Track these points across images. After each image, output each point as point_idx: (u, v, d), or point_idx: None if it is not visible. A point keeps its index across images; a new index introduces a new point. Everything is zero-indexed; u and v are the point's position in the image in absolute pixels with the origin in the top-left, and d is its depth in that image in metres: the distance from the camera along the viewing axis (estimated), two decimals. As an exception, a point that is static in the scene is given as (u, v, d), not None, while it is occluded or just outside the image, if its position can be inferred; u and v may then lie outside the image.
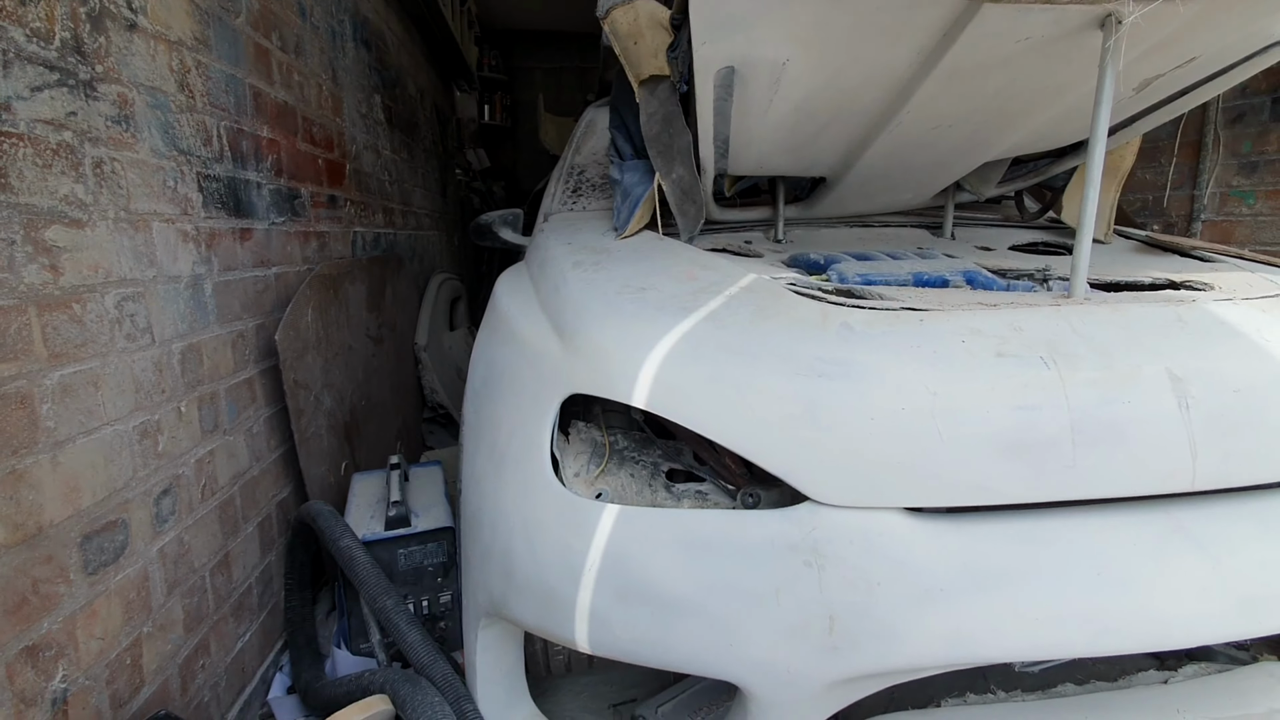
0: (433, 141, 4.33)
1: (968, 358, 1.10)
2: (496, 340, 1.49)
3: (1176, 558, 1.07)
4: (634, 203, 1.76)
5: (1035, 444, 1.05)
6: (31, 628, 0.95)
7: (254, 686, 1.56)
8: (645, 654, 1.04)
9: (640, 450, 1.31)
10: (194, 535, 1.36)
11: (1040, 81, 1.44)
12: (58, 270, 1.03)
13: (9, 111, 0.96)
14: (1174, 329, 1.20)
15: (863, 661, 1.00)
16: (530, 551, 1.12)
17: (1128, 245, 2.00)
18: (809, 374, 1.08)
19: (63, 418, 1.02)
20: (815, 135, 1.59)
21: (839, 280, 1.48)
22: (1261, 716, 1.26)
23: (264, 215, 1.77)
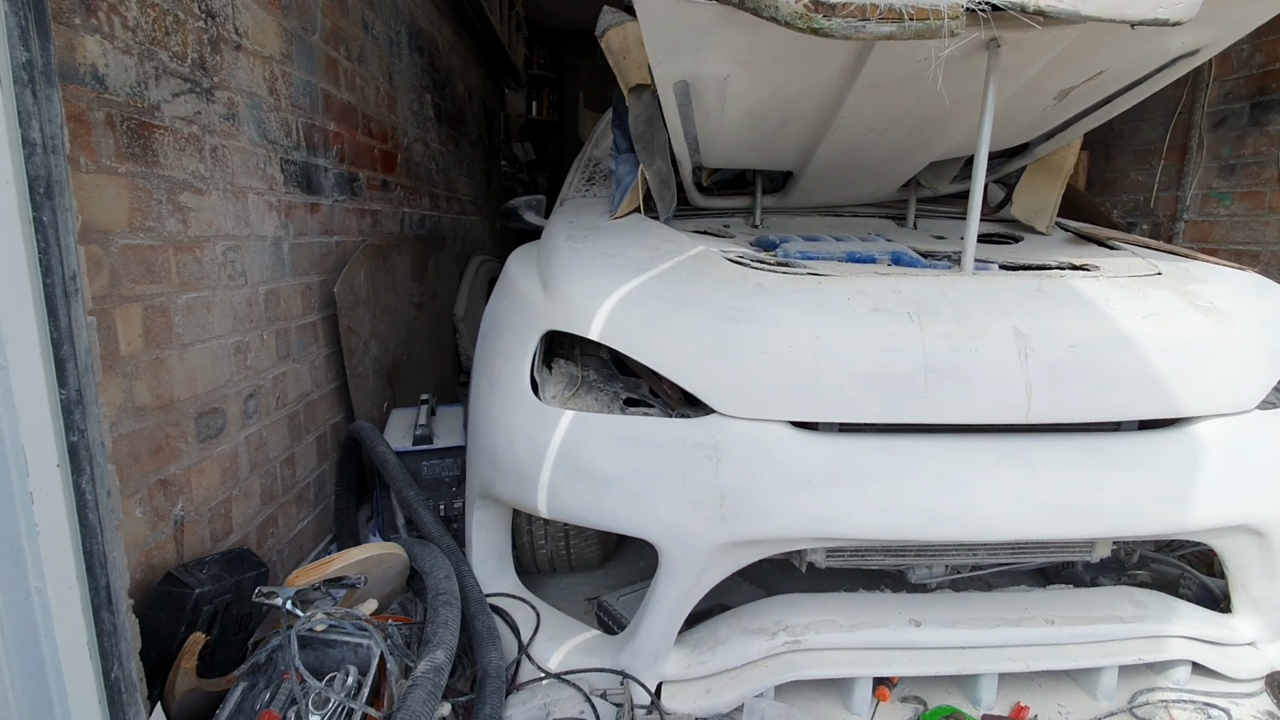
0: (479, 135, 4.77)
1: (848, 310, 1.42)
2: (500, 295, 1.87)
3: (1005, 471, 1.37)
4: (624, 189, 2.11)
5: (894, 378, 1.37)
6: (164, 468, 1.38)
7: (308, 562, 2.00)
8: (585, 516, 1.41)
9: (606, 382, 1.67)
10: (269, 433, 1.79)
11: (953, 93, 1.72)
12: (187, 224, 1.46)
13: (159, 111, 1.39)
14: (1030, 297, 1.49)
15: (745, 529, 1.34)
16: (510, 445, 1.50)
17: (1062, 237, 2.24)
18: (721, 318, 1.42)
19: (187, 327, 1.45)
20: (770, 136, 1.91)
21: (783, 256, 1.80)
22: (1099, 619, 1.53)
23: (329, 193, 2.21)
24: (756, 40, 1.50)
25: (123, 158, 1.27)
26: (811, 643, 1.43)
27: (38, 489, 0.80)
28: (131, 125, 1.29)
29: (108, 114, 1.23)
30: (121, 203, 1.27)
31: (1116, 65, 1.74)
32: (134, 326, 1.29)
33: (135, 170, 1.30)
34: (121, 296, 1.26)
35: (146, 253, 1.33)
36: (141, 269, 1.32)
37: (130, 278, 1.29)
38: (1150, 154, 3.32)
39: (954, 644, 1.45)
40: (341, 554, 1.39)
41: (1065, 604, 1.56)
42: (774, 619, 1.48)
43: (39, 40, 0.81)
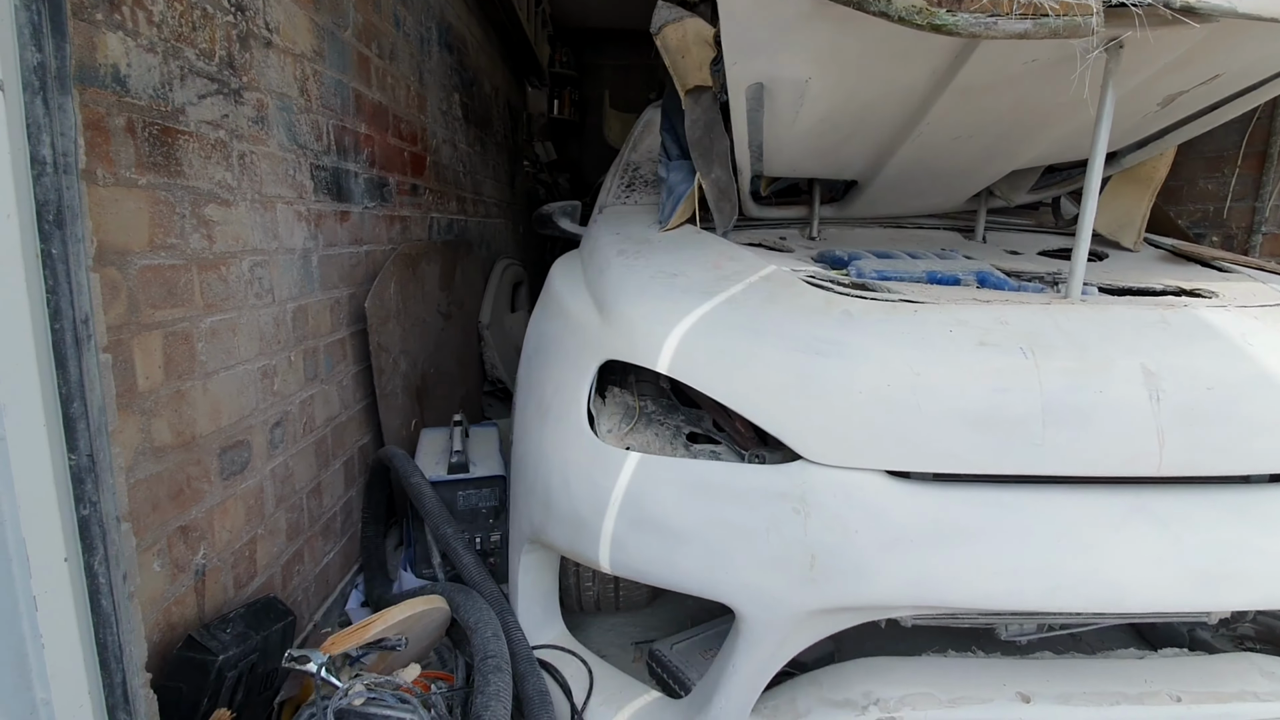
0: (504, 136, 4.63)
1: (951, 344, 1.25)
2: (547, 315, 1.72)
3: (1136, 531, 1.20)
4: (676, 199, 1.96)
5: (1006, 421, 1.20)
6: (185, 512, 1.24)
7: (334, 597, 1.86)
8: (654, 574, 1.25)
9: (666, 414, 1.52)
10: (296, 462, 1.65)
11: (1053, 97, 1.56)
12: (212, 240, 1.32)
13: (184, 115, 1.24)
14: (1156, 329, 1.32)
15: (837, 594, 1.18)
16: (565, 488, 1.35)
17: (1154, 254, 2.06)
18: (807, 351, 1.26)
19: (211, 354, 1.31)
20: (841, 143, 1.75)
21: (857, 275, 1.64)
22: (1231, 696, 1.36)
23: (359, 200, 2.07)
24: (843, 39, 1.33)
25: (143, 168, 1.13)
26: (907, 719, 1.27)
27: (43, 591, 0.65)
28: (154, 131, 1.15)
29: (128, 119, 1.08)
30: (141, 219, 1.13)
31: (1234, 69, 1.57)
32: (153, 357, 1.15)
33: (157, 181, 1.16)
34: (140, 324, 1.12)
35: (168, 273, 1.19)
36: (162, 292, 1.17)
37: (150, 303, 1.14)
38: (1223, 161, 3.12)
39: (1067, 723, 1.29)
40: (382, 615, 1.25)
41: (1188, 675, 1.39)
42: (861, 689, 1.32)
43: (54, 40, 0.66)
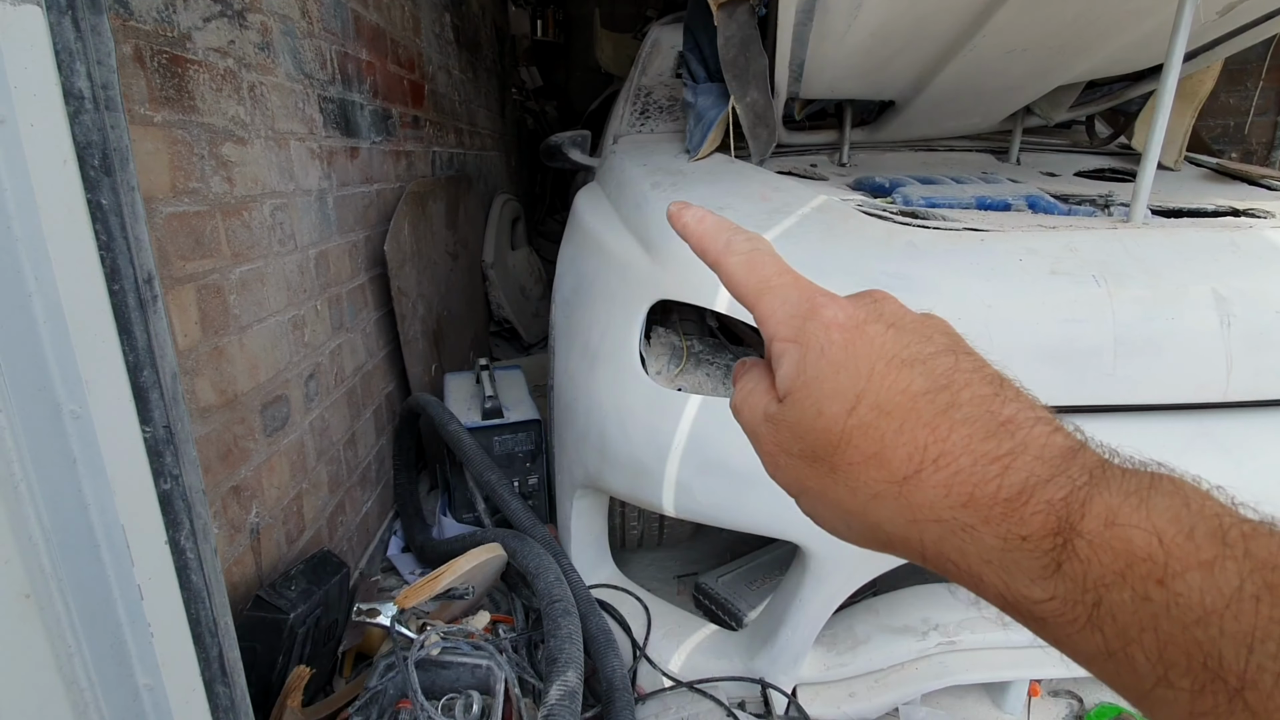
0: (493, 60, 4.37)
1: (1023, 274, 1.21)
2: (583, 254, 1.64)
3: (1200, 457, 1.20)
4: (707, 126, 1.85)
5: (1079, 353, 1.17)
6: (235, 472, 1.19)
7: (375, 545, 1.85)
8: (722, 516, 1.24)
9: (714, 354, 1.47)
10: (331, 414, 1.60)
11: (1120, 4, 1.46)
12: (232, 182, 1.22)
13: (190, 41, 1.12)
14: (1226, 252, 1.28)
15: (907, 530, 1.18)
16: (623, 433, 1.32)
17: (1197, 172, 2.01)
18: (874, 286, 1.20)
19: (243, 307, 1.23)
20: (889, 59, 1.64)
21: (904, 203, 1.57)
22: None
23: (366, 135, 1.93)
24: (915, -61, 1.22)
25: (157, 103, 1.02)
26: (967, 643, 1.30)
27: (147, 579, 0.61)
28: (163, 60, 1.03)
29: (136, 47, 0.97)
30: (161, 160, 1.02)
31: (1308, -32, 1.47)
32: (189, 313, 1.08)
33: (172, 118, 1.05)
34: (172, 278, 1.04)
35: (194, 221, 1.10)
36: (190, 242, 1.09)
37: (180, 254, 1.06)
38: (1246, 74, 3.02)
39: (1119, 640, 1.32)
40: (450, 566, 1.23)
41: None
42: (919, 615, 1.35)
43: (77, -59, 0.56)
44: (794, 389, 0.27)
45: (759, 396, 0.29)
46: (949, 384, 0.24)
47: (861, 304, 0.28)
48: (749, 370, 0.31)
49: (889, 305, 0.28)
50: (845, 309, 0.27)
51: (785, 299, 0.29)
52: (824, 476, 0.26)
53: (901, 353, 0.26)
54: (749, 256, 0.30)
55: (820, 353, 0.26)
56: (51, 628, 0.60)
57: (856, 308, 0.28)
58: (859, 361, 0.26)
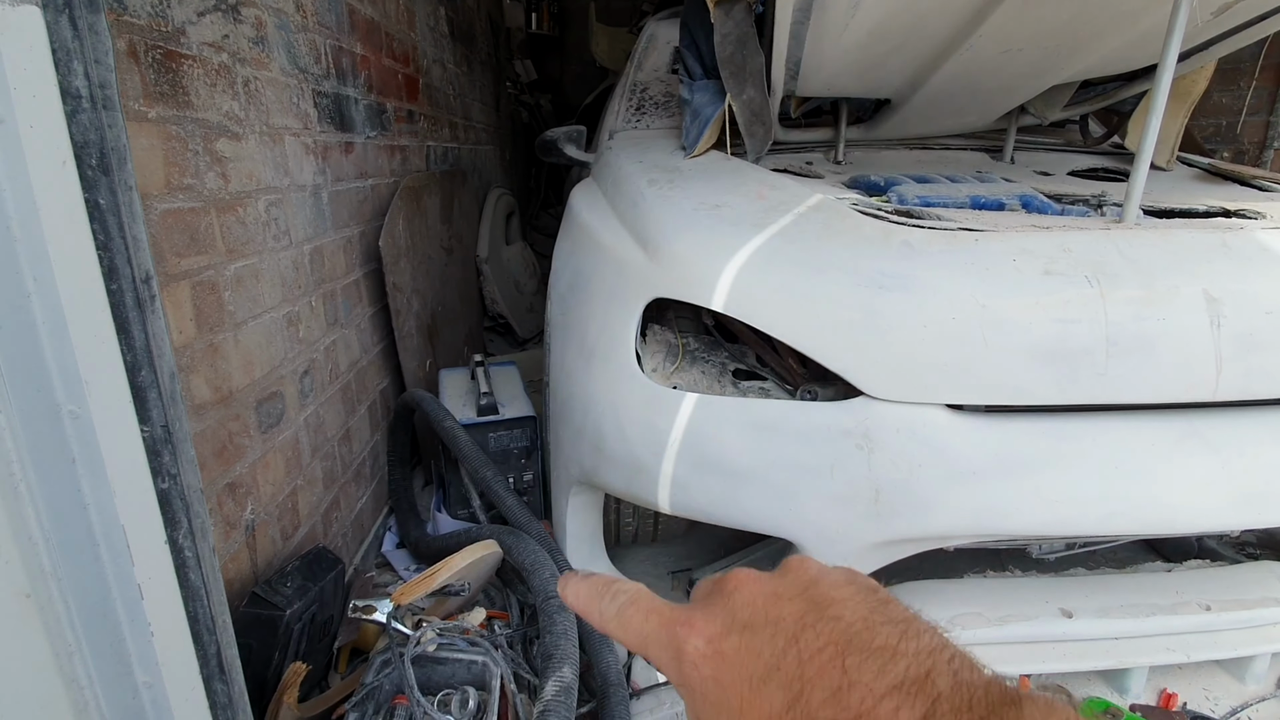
0: (488, 54, 4.34)
1: (1016, 275, 1.22)
2: (580, 251, 1.64)
3: (1188, 456, 1.21)
4: (703, 123, 1.85)
5: (1071, 353, 1.19)
6: (230, 469, 1.19)
7: (370, 540, 1.85)
8: (717, 513, 1.25)
9: (710, 351, 1.48)
10: (326, 410, 1.60)
11: (1115, 6, 1.47)
12: (227, 178, 1.21)
13: (185, 36, 1.11)
14: (1217, 253, 1.29)
15: (901, 527, 1.19)
16: (619, 430, 1.32)
17: (1189, 173, 2.02)
18: (870, 285, 1.21)
19: (238, 303, 1.23)
20: (886, 57, 1.64)
21: (899, 201, 1.58)
22: (1255, 602, 1.43)
23: (361, 129, 1.92)
24: (912, -61, 1.22)
25: (151, 99, 1.01)
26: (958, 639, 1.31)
27: (147, 578, 0.61)
28: (158, 55, 1.02)
29: (130, 42, 0.96)
30: (156, 157, 1.02)
31: (1302, -29, 1.48)
32: (184, 310, 1.07)
33: (167, 114, 1.04)
34: (167, 275, 1.03)
35: (189, 217, 1.09)
36: (185, 239, 1.08)
37: (175, 250, 1.05)
38: (1239, 74, 3.04)
39: (1108, 635, 1.34)
40: (446, 563, 1.23)
41: (1214, 585, 1.45)
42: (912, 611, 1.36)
43: (75, -61, 0.55)
44: None
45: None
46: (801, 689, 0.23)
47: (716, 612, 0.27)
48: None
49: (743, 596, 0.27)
50: (702, 632, 0.26)
51: (660, 643, 0.28)
52: None
53: (758, 667, 0.25)
54: (619, 616, 0.30)
55: (702, 695, 0.26)
56: (51, 627, 0.60)
57: (711, 623, 0.26)
58: (729, 693, 0.25)
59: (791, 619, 0.25)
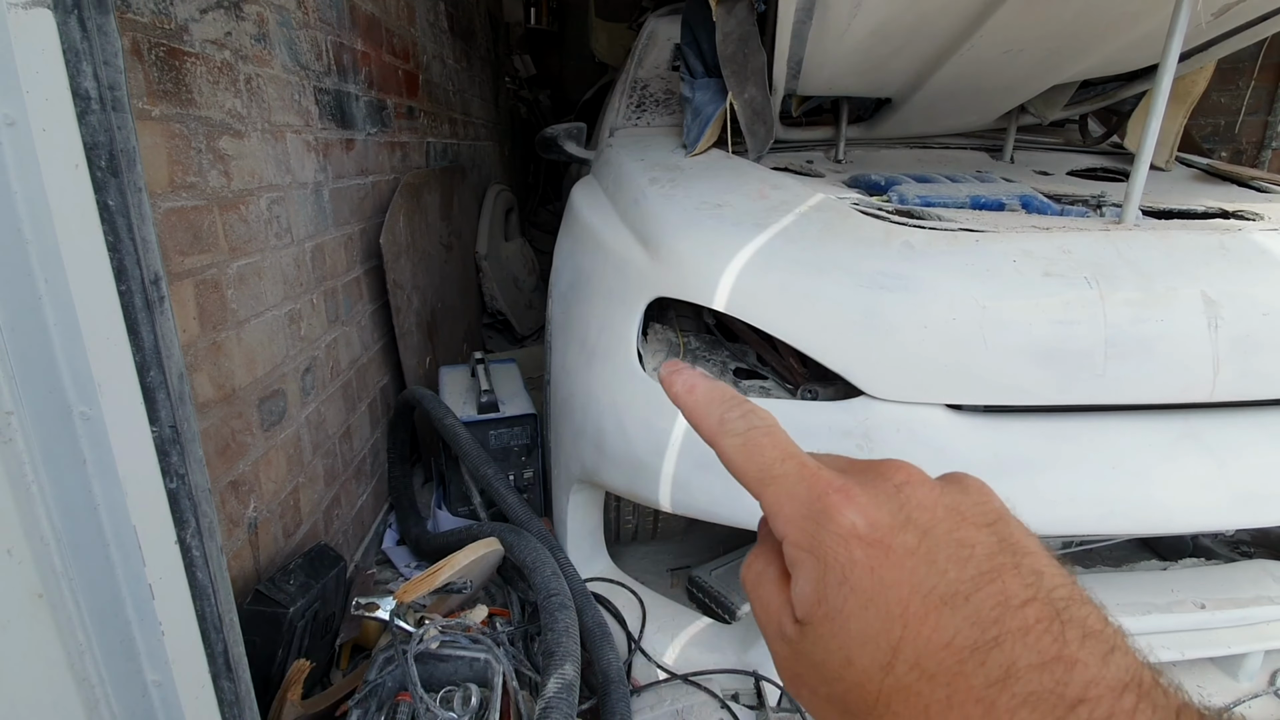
0: (487, 49, 4.33)
1: (1017, 276, 1.23)
2: (581, 249, 1.65)
3: (1184, 457, 1.22)
4: (704, 121, 1.85)
5: (1070, 354, 1.19)
6: (233, 467, 1.19)
7: (370, 537, 1.86)
8: (718, 512, 1.26)
9: (711, 350, 1.49)
10: (327, 408, 1.60)
11: (1117, 7, 1.47)
12: (229, 176, 1.21)
13: (188, 33, 1.11)
14: (1215, 255, 1.30)
15: (900, 527, 1.20)
16: (620, 429, 1.33)
17: (1188, 173, 2.03)
18: (871, 286, 1.22)
19: (241, 301, 1.23)
20: (888, 57, 1.65)
21: (899, 201, 1.58)
22: (1249, 601, 1.44)
23: (361, 126, 1.92)
24: (915, -60, 1.22)
25: (155, 97, 1.01)
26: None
27: (158, 578, 0.61)
28: (161, 53, 1.02)
29: (134, 39, 0.96)
30: (159, 155, 1.02)
31: (1301, -26, 1.49)
32: (187, 308, 1.07)
33: (170, 112, 1.04)
34: (171, 274, 1.03)
35: (192, 216, 1.09)
36: (189, 237, 1.08)
37: (178, 249, 1.05)
38: (1238, 73, 3.05)
39: (1104, 634, 1.35)
40: (448, 561, 1.24)
41: (1208, 584, 1.46)
42: (910, 611, 1.37)
43: (84, -59, 0.56)
44: (814, 618, 0.23)
45: (772, 594, 0.25)
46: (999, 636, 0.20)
47: (882, 501, 0.23)
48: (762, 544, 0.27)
49: (916, 495, 0.24)
50: (865, 512, 0.23)
51: (792, 493, 0.24)
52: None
53: (939, 583, 0.21)
54: (746, 438, 0.26)
55: (842, 577, 0.22)
56: (63, 626, 0.61)
57: (878, 508, 0.23)
58: (890, 595, 0.21)
59: (984, 552, 0.22)
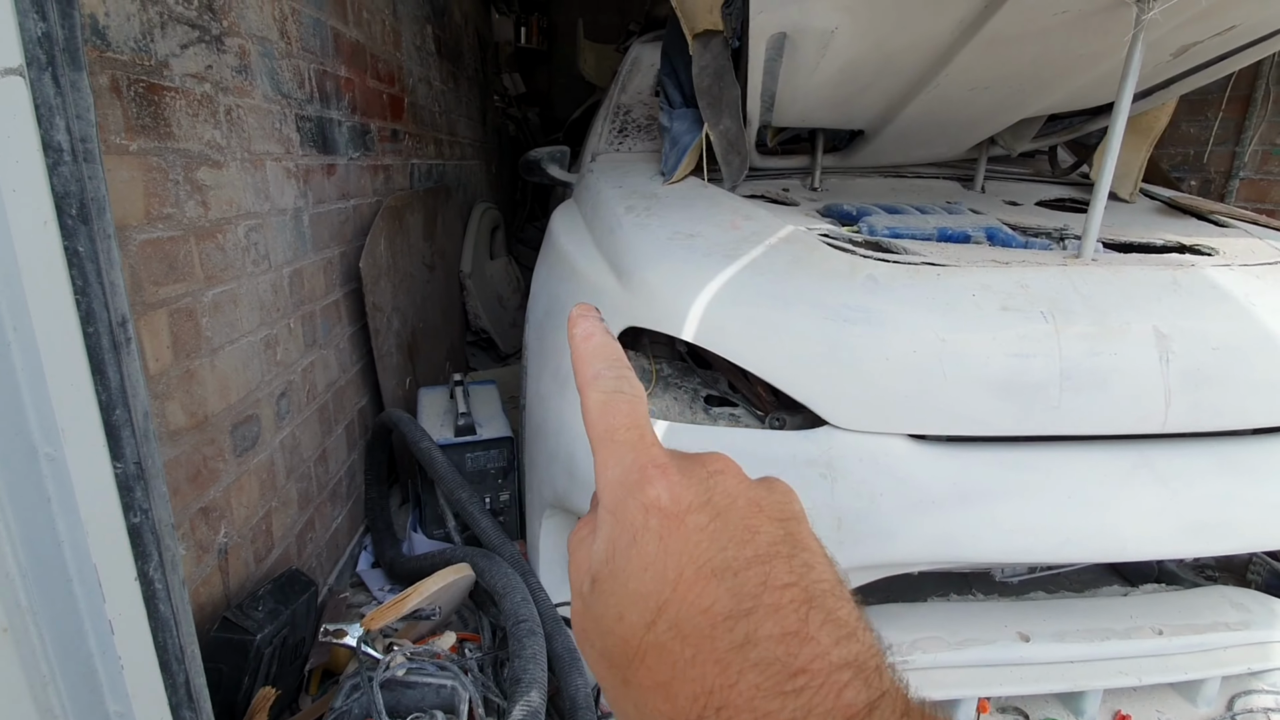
0: (475, 69, 4.38)
1: (976, 310, 1.27)
2: (557, 277, 1.67)
3: (1139, 487, 1.26)
4: (681, 150, 1.89)
5: (1027, 386, 1.23)
6: (204, 493, 1.20)
7: (345, 560, 1.86)
8: (685, 540, 1.28)
9: (682, 378, 1.51)
10: (302, 431, 1.61)
11: (1076, 49, 1.53)
12: (207, 206, 1.23)
13: (168, 69, 1.13)
14: (1167, 291, 1.35)
15: (864, 554, 1.23)
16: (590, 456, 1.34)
17: (1150, 205, 2.09)
18: (835, 318, 1.25)
19: (215, 328, 1.25)
20: (857, 93, 1.70)
21: (869, 232, 1.63)
22: (1207, 627, 1.48)
23: (344, 151, 1.94)
24: (878, -13, 1.27)
25: (133, 132, 1.03)
26: (919, 662, 1.35)
27: (118, 614, 0.63)
28: (140, 89, 1.04)
29: (113, 78, 0.98)
30: (136, 189, 1.04)
31: (1254, 20, 1.56)
32: (161, 337, 1.09)
33: (148, 146, 1.06)
34: (145, 304, 1.05)
35: (167, 246, 1.11)
36: (164, 267, 1.10)
37: (153, 279, 1.07)
38: (1207, 105, 3.14)
39: (1064, 659, 1.38)
40: (417, 588, 1.25)
41: (1168, 610, 1.50)
42: (875, 636, 1.39)
43: (58, 4, 0.58)
44: (600, 576, 0.24)
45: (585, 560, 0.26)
46: (753, 609, 0.22)
47: (692, 482, 0.25)
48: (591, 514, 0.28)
49: (723, 484, 0.25)
50: (672, 488, 0.24)
51: (620, 458, 0.26)
52: (617, 686, 0.24)
53: (715, 558, 0.23)
54: (607, 398, 0.28)
55: (632, 540, 0.24)
56: (27, 659, 0.62)
57: (685, 486, 0.25)
58: (668, 562, 0.23)
59: (766, 539, 0.24)
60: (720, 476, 0.26)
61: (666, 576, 0.23)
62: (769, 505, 0.25)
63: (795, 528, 0.25)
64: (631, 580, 0.23)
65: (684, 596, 0.22)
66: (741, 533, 0.24)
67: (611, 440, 0.27)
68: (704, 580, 0.22)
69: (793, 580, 0.23)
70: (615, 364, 0.29)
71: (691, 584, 0.23)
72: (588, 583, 0.25)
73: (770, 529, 0.24)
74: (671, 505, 0.24)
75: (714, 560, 0.23)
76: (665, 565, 0.23)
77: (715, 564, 0.23)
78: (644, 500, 0.24)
